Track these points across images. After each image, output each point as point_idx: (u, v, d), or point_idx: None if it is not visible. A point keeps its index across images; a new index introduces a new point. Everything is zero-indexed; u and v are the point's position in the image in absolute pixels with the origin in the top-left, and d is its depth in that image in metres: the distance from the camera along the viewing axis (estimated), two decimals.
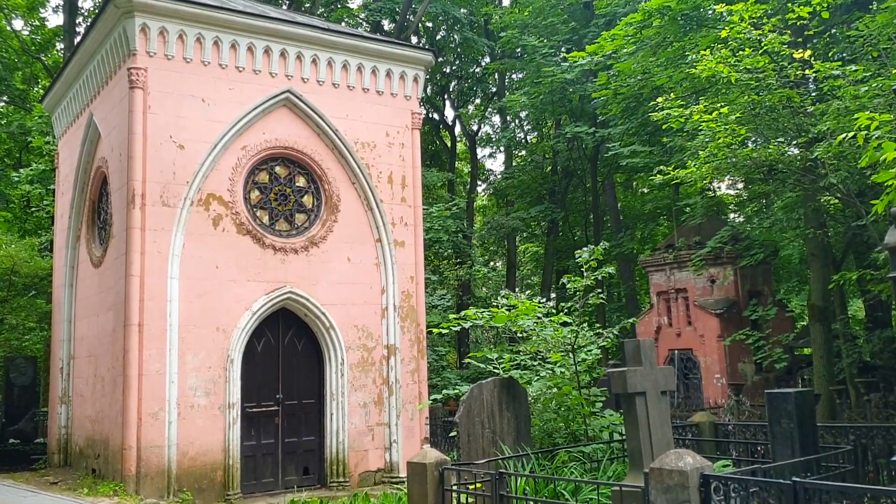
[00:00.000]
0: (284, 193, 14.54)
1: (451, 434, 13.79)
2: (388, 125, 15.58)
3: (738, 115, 14.04)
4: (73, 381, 15.77)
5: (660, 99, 15.52)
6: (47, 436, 17.03)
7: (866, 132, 9.10)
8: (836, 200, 14.85)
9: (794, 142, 14.83)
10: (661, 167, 16.46)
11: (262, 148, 14.20)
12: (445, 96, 33.78)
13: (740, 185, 25.16)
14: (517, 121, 34.33)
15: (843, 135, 9.93)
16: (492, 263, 39.73)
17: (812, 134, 13.80)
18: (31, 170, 23.02)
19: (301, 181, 14.75)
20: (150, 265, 12.84)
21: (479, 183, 36.61)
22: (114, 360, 13.26)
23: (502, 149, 34.93)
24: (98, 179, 15.34)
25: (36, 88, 28.83)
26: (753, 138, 15.92)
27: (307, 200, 14.76)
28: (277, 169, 14.55)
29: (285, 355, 14.27)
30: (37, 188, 23.21)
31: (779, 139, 14.62)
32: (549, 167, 32.54)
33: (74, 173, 16.06)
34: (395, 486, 13.28)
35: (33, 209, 25.48)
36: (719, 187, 27.24)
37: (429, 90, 30.21)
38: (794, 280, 26.98)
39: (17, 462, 16.75)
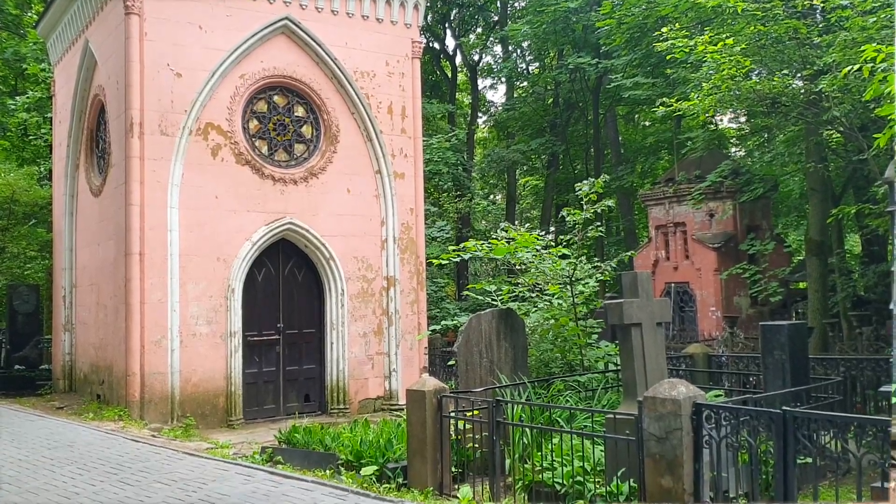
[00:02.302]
0: (283, 123, 14.43)
1: (450, 363, 14.02)
2: (387, 54, 15.35)
3: (743, 46, 13.82)
4: (76, 309, 15.95)
5: (664, 29, 15.27)
6: (52, 362, 17.29)
7: (872, 64, 8.99)
8: (838, 134, 14.75)
9: (799, 74, 14.64)
10: (664, 99, 16.30)
11: (261, 77, 14.03)
12: (446, 25, 33.06)
13: (742, 119, 24.92)
14: (519, 51, 33.67)
15: (849, 67, 9.81)
16: (491, 196, 39.58)
17: (817, 66, 13.62)
18: (28, 97, 22.70)
19: (300, 111, 14.62)
20: (150, 194, 12.85)
21: (480, 115, 36.11)
22: (116, 289, 13.39)
23: (503, 80, 34.34)
24: (95, 108, 15.19)
25: (29, 14, 28.16)
26: (758, 70, 15.71)
27: (306, 131, 14.66)
28: (276, 98, 14.41)
29: (286, 285, 14.40)
30: (34, 116, 22.94)
31: (783, 71, 14.43)
32: (551, 99, 32.13)
33: (71, 101, 15.89)
34: (395, 412, 13.55)
35: (31, 137, 25.24)
36: (721, 121, 26.97)
37: (429, 18, 29.56)
38: (793, 215, 26.95)
39: (23, 387, 17.04)
